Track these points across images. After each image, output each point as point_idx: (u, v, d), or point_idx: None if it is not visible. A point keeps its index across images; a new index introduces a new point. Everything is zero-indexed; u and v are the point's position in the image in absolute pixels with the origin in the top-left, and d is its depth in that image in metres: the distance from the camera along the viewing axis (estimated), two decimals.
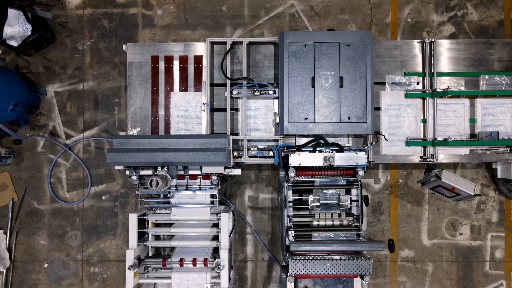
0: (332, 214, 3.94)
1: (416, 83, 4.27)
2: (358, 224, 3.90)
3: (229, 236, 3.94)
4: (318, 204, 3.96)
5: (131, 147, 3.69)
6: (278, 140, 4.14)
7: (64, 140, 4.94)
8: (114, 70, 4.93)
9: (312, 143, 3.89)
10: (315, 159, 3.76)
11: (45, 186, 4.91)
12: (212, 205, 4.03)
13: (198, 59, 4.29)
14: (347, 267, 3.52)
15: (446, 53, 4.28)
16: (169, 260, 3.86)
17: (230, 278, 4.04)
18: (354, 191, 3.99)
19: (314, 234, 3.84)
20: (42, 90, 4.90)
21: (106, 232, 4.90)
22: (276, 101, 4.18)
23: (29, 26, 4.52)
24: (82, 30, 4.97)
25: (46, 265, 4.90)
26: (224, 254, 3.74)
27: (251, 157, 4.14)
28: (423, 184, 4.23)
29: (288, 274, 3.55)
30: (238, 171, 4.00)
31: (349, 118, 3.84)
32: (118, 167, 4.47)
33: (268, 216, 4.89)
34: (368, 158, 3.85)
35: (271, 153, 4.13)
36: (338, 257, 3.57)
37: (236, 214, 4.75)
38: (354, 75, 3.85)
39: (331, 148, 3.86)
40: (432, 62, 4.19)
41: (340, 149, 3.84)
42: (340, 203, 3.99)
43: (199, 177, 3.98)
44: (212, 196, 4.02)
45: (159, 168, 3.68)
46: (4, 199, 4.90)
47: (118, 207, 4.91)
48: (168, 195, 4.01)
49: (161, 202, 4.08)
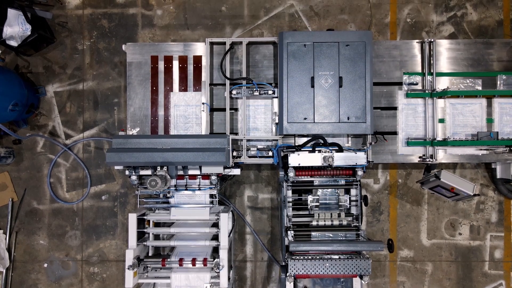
0: (331, 214, 3.94)
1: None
2: (357, 224, 3.90)
3: (228, 236, 3.95)
4: (318, 204, 3.96)
5: (130, 147, 3.69)
6: (277, 140, 4.14)
7: (64, 140, 4.94)
8: (113, 70, 4.94)
9: (311, 143, 3.89)
10: (315, 159, 3.77)
11: (44, 186, 4.92)
12: (211, 205, 4.04)
13: (198, 59, 4.30)
14: (346, 267, 3.52)
15: (446, 53, 4.29)
16: (168, 260, 3.86)
17: (229, 278, 4.05)
18: (353, 191, 3.99)
19: (313, 234, 3.85)
20: (42, 90, 4.90)
21: (106, 232, 4.91)
22: (275, 101, 4.19)
23: (28, 26, 4.52)
24: (82, 30, 4.97)
25: (45, 265, 4.90)
26: (223, 254, 3.74)
27: (250, 157, 4.14)
28: (422, 184, 4.23)
29: (288, 274, 3.55)
30: (237, 171, 4.00)
31: (348, 118, 3.84)
32: (117, 167, 4.47)
33: (267, 216, 4.89)
34: (367, 158, 3.86)
35: (270, 153, 4.13)
36: (337, 257, 3.58)
37: (235, 214, 4.76)
38: (353, 75, 3.85)
39: (330, 148, 3.86)
40: (432, 62, 4.19)
41: (340, 149, 3.85)
42: (340, 203, 3.99)
43: (199, 177, 3.98)
44: (212, 196, 4.03)
45: (158, 168, 3.69)
46: (4, 199, 4.91)
47: (117, 207, 4.91)
48: (168, 195, 4.01)
49: (160, 202, 4.08)
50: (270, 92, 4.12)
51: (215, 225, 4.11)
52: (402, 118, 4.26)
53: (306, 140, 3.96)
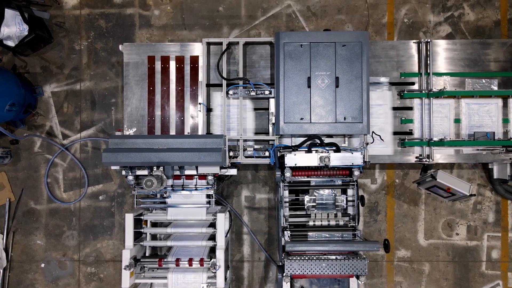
0: (328, 214, 3.94)
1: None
2: (354, 224, 3.90)
3: (225, 236, 3.94)
4: (314, 204, 3.96)
5: (127, 147, 3.69)
6: (274, 140, 4.14)
7: (61, 140, 4.94)
8: (111, 70, 4.94)
9: (307, 143, 3.89)
10: (311, 159, 3.77)
11: (42, 186, 4.92)
12: (208, 205, 4.03)
13: (195, 59, 4.30)
14: (343, 267, 3.52)
15: (443, 53, 4.29)
16: (165, 260, 3.85)
17: (226, 278, 4.05)
18: (350, 191, 3.99)
19: (310, 234, 3.84)
20: (39, 90, 4.90)
21: (103, 232, 4.90)
22: (272, 101, 4.19)
23: (26, 26, 4.52)
24: (79, 30, 4.97)
25: (43, 265, 4.90)
26: (220, 254, 3.73)
27: (247, 157, 4.15)
28: (419, 184, 4.24)
29: (284, 274, 3.55)
30: (234, 171, 4.00)
31: (344, 119, 3.85)
32: (114, 167, 4.47)
33: (264, 216, 4.89)
34: (364, 158, 3.86)
35: (267, 153, 4.14)
36: (334, 257, 3.57)
37: (232, 214, 4.76)
38: (350, 76, 3.85)
39: (327, 148, 3.86)
40: (428, 63, 4.20)
41: (337, 149, 3.85)
42: (336, 203, 3.99)
43: (195, 177, 3.98)
44: (208, 196, 4.02)
45: (154, 168, 3.69)
46: (1, 199, 4.91)
47: (115, 207, 4.91)
48: (164, 195, 4.01)
49: (157, 202, 4.08)
50: (267, 92, 4.12)
51: (212, 225, 4.10)
52: (418, 119, 4.25)
53: (303, 140, 3.96)
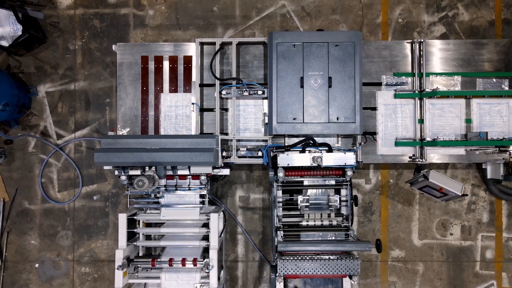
0: (321, 215, 3.95)
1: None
2: (348, 224, 3.90)
3: (219, 236, 3.94)
4: (308, 204, 3.96)
5: (119, 147, 3.69)
6: (267, 140, 4.14)
7: (55, 140, 4.94)
8: (105, 70, 4.93)
9: (301, 143, 3.89)
10: (304, 159, 3.77)
11: (36, 186, 4.91)
12: (201, 205, 4.03)
13: (188, 59, 4.30)
14: (336, 267, 3.52)
15: (437, 53, 4.29)
16: (158, 260, 3.85)
17: (219, 278, 4.04)
18: (343, 191, 3.99)
19: (303, 234, 3.85)
20: (34, 90, 4.90)
21: (97, 232, 4.90)
22: (265, 101, 4.19)
23: (19, 26, 4.52)
24: (74, 30, 4.97)
25: (37, 265, 4.90)
26: (213, 254, 3.73)
27: (240, 157, 4.15)
28: (412, 184, 4.24)
29: (277, 274, 3.55)
30: (227, 171, 3.99)
31: (337, 119, 3.85)
32: (107, 167, 4.47)
33: (259, 216, 4.89)
34: (357, 158, 3.86)
35: (260, 153, 4.13)
36: (327, 257, 3.57)
37: (227, 214, 4.76)
38: (342, 76, 3.85)
39: (320, 148, 3.87)
40: (421, 63, 4.20)
41: (330, 149, 3.85)
42: (330, 204, 3.99)
43: (189, 177, 3.98)
44: (202, 196, 4.02)
45: (147, 168, 3.68)
46: None
47: (109, 207, 4.91)
48: (158, 195, 4.01)
49: (151, 202, 4.07)
50: (260, 92, 4.13)
51: (206, 225, 4.10)
52: (428, 118, 4.25)
53: (296, 140, 3.96)
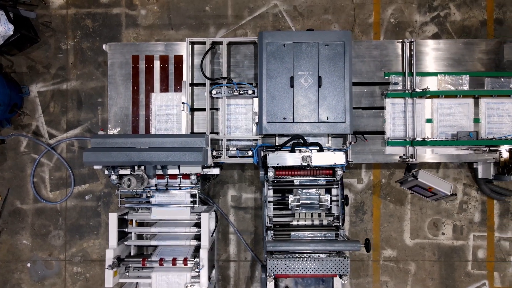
0: (312, 214, 3.94)
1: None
2: (338, 224, 3.90)
3: (211, 235, 3.94)
4: (298, 203, 3.96)
5: (109, 146, 3.69)
6: (257, 139, 4.14)
7: (47, 140, 4.94)
8: (97, 70, 4.93)
9: (290, 143, 3.89)
10: (293, 159, 3.77)
11: (28, 186, 4.91)
12: (192, 204, 4.03)
13: (179, 59, 4.30)
14: (326, 267, 3.53)
15: (429, 53, 4.29)
16: (149, 259, 3.85)
17: (210, 278, 4.05)
18: (334, 191, 3.99)
19: (293, 234, 3.85)
20: (25, 89, 4.90)
21: (89, 232, 4.90)
22: (255, 100, 4.19)
23: (11, 26, 4.51)
24: (66, 30, 4.97)
25: (29, 264, 4.90)
26: (203, 254, 3.73)
27: (230, 156, 4.14)
28: (402, 183, 4.24)
29: (267, 273, 3.55)
30: (216, 171, 3.99)
31: (327, 118, 3.85)
32: (96, 167, 4.46)
33: (251, 215, 4.89)
34: (347, 158, 3.86)
35: (250, 153, 4.13)
36: (316, 256, 3.58)
37: (219, 213, 4.76)
38: (332, 75, 3.85)
39: (310, 148, 3.87)
40: (412, 62, 4.20)
41: (320, 148, 3.85)
42: (321, 203, 3.99)
43: (179, 176, 3.98)
44: (193, 195, 4.02)
45: (136, 168, 3.68)
46: None
47: (101, 206, 4.91)
48: (148, 195, 4.00)
49: (142, 202, 4.07)
50: (250, 92, 4.12)
51: (197, 225, 4.11)
52: (437, 117, 4.24)
53: (286, 140, 3.97)
